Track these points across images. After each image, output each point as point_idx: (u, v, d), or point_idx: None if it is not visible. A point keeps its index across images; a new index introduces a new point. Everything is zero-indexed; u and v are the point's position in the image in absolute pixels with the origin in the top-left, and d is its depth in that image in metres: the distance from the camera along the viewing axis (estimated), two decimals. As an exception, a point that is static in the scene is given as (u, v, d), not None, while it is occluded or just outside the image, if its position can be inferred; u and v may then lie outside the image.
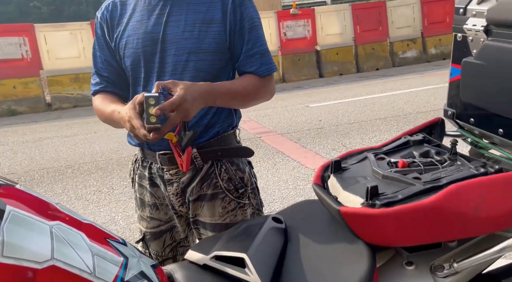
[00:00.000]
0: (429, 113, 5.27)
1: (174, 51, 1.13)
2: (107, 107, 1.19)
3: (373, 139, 4.51)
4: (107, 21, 1.21)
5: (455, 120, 1.03)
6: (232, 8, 1.12)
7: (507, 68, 0.82)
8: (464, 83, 0.96)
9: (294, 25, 8.94)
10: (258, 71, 1.17)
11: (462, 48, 0.96)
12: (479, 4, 0.90)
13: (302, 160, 4.10)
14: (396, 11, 9.49)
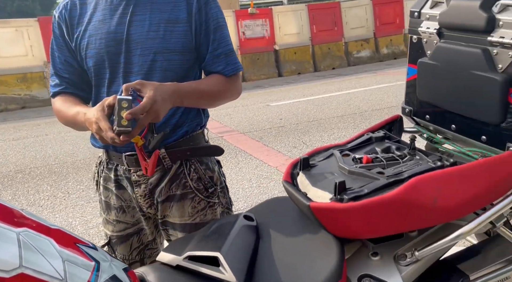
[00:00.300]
0: (383, 111, 5.52)
1: (140, 51, 1.10)
2: (70, 109, 1.15)
3: (331, 137, 4.65)
4: (66, 20, 1.16)
5: (412, 117, 1.10)
6: (197, 8, 1.12)
7: (457, 68, 0.89)
8: (420, 83, 1.02)
9: (252, 25, 8.99)
10: (224, 71, 1.18)
11: (418, 49, 1.02)
12: (432, 8, 0.97)
13: (264, 158, 4.15)
14: (350, 12, 9.83)
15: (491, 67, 0.82)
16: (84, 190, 3.57)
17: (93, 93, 1.21)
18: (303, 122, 5.40)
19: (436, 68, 0.95)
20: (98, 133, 0.98)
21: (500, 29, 0.79)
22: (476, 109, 0.87)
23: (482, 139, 0.88)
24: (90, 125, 1.02)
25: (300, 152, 4.21)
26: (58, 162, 4.35)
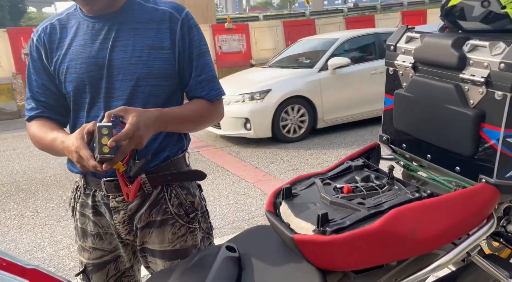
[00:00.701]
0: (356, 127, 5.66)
1: (122, 77, 1.09)
2: (47, 134, 1.12)
3: (308, 152, 4.72)
4: (45, 44, 1.14)
5: (389, 145, 1.13)
6: (181, 35, 1.12)
7: (432, 101, 0.93)
8: (396, 113, 1.06)
9: (229, 39, 9.06)
10: (207, 96, 1.18)
11: (394, 81, 1.06)
12: (407, 43, 1.01)
13: (242, 174, 4.15)
14: (324, 29, 10.10)
15: (463, 102, 0.86)
16: (54, 208, 3.43)
17: (72, 117, 1.18)
18: (280, 138, 5.46)
19: (412, 100, 0.99)
20: (79, 162, 0.96)
21: (471, 68, 0.84)
22: (450, 141, 0.91)
23: (456, 170, 0.92)
24: (69, 154, 0.99)
25: (277, 168, 4.24)
26: (26, 178, 4.18)
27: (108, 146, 0.87)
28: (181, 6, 1.16)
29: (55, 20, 1.16)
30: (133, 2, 1.13)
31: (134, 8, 1.12)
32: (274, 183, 3.84)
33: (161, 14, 1.11)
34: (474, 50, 0.84)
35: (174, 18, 1.11)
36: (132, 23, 1.10)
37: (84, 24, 1.12)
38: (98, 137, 0.88)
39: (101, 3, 1.06)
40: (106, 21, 1.10)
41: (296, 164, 4.35)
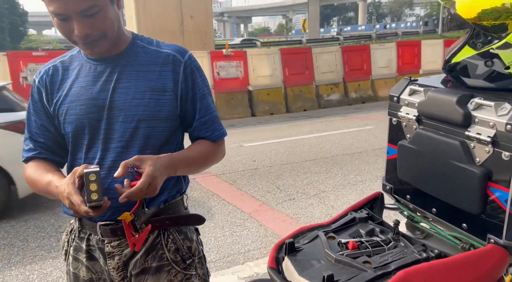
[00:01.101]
0: (353, 156, 5.66)
1: (123, 118, 1.09)
2: (43, 177, 1.10)
3: (304, 181, 4.68)
4: (47, 85, 1.14)
5: (393, 195, 1.12)
6: (184, 77, 1.13)
7: (437, 156, 0.93)
8: (400, 164, 1.05)
9: (227, 66, 9.18)
10: (211, 137, 1.19)
11: (397, 131, 1.06)
12: (410, 95, 1.02)
13: (238, 203, 4.09)
14: (321, 57, 10.29)
15: (469, 159, 0.86)
16: (45, 238, 3.35)
17: (69, 158, 1.17)
18: (276, 165, 5.43)
19: (416, 153, 0.99)
20: (72, 208, 0.95)
21: (476, 126, 0.84)
22: (456, 198, 0.90)
23: (463, 227, 0.90)
24: (63, 200, 0.99)
25: (273, 197, 4.20)
26: (17, 204, 4.09)
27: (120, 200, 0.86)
28: (184, 49, 1.17)
29: (58, 62, 1.17)
30: (137, 45, 1.14)
31: (138, 51, 1.13)
32: (271, 214, 3.79)
33: (164, 57, 1.13)
34: (479, 108, 0.84)
35: (177, 61, 1.13)
36: (135, 65, 1.11)
37: (86, 66, 1.13)
38: (86, 184, 0.88)
39: (102, 46, 1.07)
40: (108, 63, 1.11)
41: (293, 193, 4.31)
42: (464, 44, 0.91)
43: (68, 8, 0.97)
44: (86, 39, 1.02)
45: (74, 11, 0.97)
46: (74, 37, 1.03)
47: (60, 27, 1.02)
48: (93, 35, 1.02)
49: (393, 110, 1.06)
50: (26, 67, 7.13)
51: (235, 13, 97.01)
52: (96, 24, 1.01)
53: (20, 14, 37.42)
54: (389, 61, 10.96)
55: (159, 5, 10.33)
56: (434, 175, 0.94)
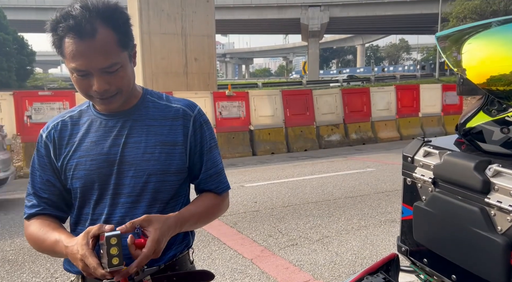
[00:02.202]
0: (356, 199, 5.59)
1: (133, 173, 1.08)
2: (48, 236, 1.07)
3: (307, 225, 4.59)
4: (54, 141, 1.14)
5: (409, 257, 1.09)
6: (193, 131, 1.15)
7: (455, 221, 0.91)
8: (416, 226, 1.03)
9: (229, 106, 9.33)
10: (217, 190, 1.20)
11: (412, 192, 1.05)
12: (425, 157, 1.02)
13: (239, 248, 3.98)
14: (321, 99, 10.48)
15: (490, 227, 0.84)
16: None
17: (75, 213, 1.15)
18: (278, 207, 5.35)
19: (433, 216, 0.97)
20: (85, 271, 0.91)
21: (496, 193, 0.83)
22: (477, 266, 0.87)
23: (486, 297, 0.87)
24: (74, 261, 0.95)
25: (275, 242, 4.09)
26: (14, 247, 3.97)
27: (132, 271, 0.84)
28: (193, 103, 1.20)
29: (67, 117, 1.17)
30: (147, 100, 1.16)
31: (148, 106, 1.15)
32: (273, 260, 3.68)
33: (175, 111, 1.15)
34: (498, 175, 0.84)
35: (187, 115, 1.15)
36: (146, 120, 1.12)
37: (97, 121, 1.13)
38: (107, 248, 0.85)
39: (117, 102, 1.08)
40: (119, 118, 1.12)
41: (296, 238, 4.21)
42: (479, 109, 0.92)
43: (91, 65, 0.99)
44: (103, 95, 1.04)
45: (96, 68, 1.00)
46: (91, 93, 1.05)
47: (78, 83, 1.04)
48: (110, 91, 1.04)
49: (407, 170, 1.06)
50: (32, 106, 7.24)
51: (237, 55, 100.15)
52: (115, 81, 1.03)
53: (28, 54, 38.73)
54: (388, 104, 11.16)
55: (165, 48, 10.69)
56: (453, 240, 0.92)
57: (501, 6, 28.00)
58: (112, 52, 1.00)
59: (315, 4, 40.20)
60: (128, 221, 1.05)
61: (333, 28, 47.25)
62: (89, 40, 0.96)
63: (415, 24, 45.13)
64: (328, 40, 78.14)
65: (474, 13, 28.35)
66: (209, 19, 11.51)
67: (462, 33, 0.96)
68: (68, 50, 0.98)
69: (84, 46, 0.97)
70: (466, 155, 0.94)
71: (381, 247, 3.86)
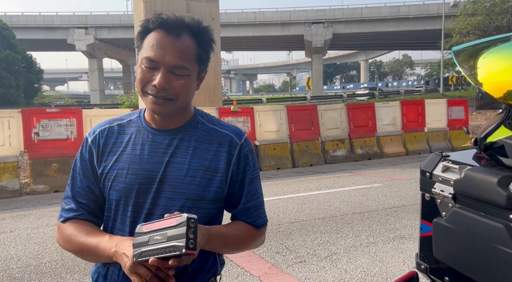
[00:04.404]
0: (363, 215, 5.52)
1: (171, 195, 1.05)
2: (88, 237, 1.05)
3: (315, 242, 4.52)
4: (99, 146, 1.11)
5: (429, 275, 1.06)
6: (237, 159, 1.11)
7: (478, 238, 0.89)
8: (436, 243, 1.01)
9: (234, 121, 9.35)
10: (254, 224, 1.15)
11: (431, 207, 1.03)
12: (444, 172, 1.00)
13: (246, 265, 3.92)
14: (326, 114, 10.49)
15: (516, 244, 0.82)
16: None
17: (109, 229, 1.11)
18: (285, 223, 5.29)
19: (454, 232, 0.95)
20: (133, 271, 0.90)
21: (521, 209, 0.81)
22: (504, 285, 0.85)
23: (514, 318, 0.84)
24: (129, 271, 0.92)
25: (283, 258, 4.03)
26: (20, 265, 3.93)
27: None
28: (241, 131, 1.17)
29: (115, 124, 1.15)
30: (197, 120, 1.14)
31: (198, 127, 1.12)
32: (282, 278, 3.61)
33: (222, 137, 1.12)
34: (522, 191, 0.82)
35: (234, 143, 1.11)
36: (193, 141, 1.09)
37: (144, 134, 1.10)
38: (187, 228, 0.81)
39: (167, 108, 1.05)
40: (167, 135, 1.09)
41: (304, 255, 4.14)
42: (500, 124, 0.91)
43: (164, 59, 1.00)
44: (159, 92, 1.02)
45: (167, 63, 1.00)
46: (148, 88, 1.03)
47: (142, 74, 1.03)
48: (168, 92, 1.02)
49: (426, 186, 1.04)
50: (39, 123, 7.30)
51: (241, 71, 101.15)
52: (176, 85, 1.02)
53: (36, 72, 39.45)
54: (393, 119, 11.14)
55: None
56: (476, 257, 0.90)
57: (504, 22, 28.21)
58: (187, 58, 1.03)
59: (318, 21, 40.74)
60: None
61: (337, 44, 47.76)
62: (173, 37, 1.01)
63: (418, 40, 45.52)
64: (331, 56, 78.86)
65: (477, 29, 28.56)
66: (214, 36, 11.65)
67: (478, 47, 0.96)
68: (150, 40, 1.02)
69: (167, 40, 1.01)
70: (488, 170, 0.92)
71: (390, 264, 3.78)
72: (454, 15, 30.66)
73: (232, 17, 41.71)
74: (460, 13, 29.93)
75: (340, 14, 41.05)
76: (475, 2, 29.39)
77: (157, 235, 0.84)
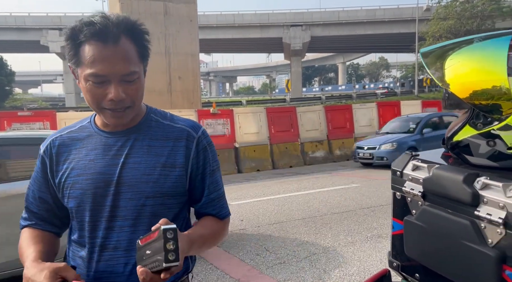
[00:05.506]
0: (342, 215, 5.60)
1: (131, 195, 1.04)
2: (26, 249, 1.05)
3: (294, 243, 4.55)
4: (52, 156, 1.10)
5: (400, 272, 1.08)
6: (196, 153, 1.10)
7: (446, 235, 0.91)
8: (407, 240, 1.03)
9: (214, 123, 9.32)
10: (219, 215, 1.16)
11: (402, 206, 1.05)
12: (413, 170, 1.02)
13: (226, 267, 3.90)
14: (305, 116, 10.60)
15: (481, 240, 0.84)
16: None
17: (77, 236, 1.09)
18: (265, 225, 5.30)
19: (424, 230, 0.97)
20: None
21: (486, 206, 0.84)
22: (469, 280, 0.87)
23: (480, 311, 0.86)
24: None
25: (263, 260, 4.03)
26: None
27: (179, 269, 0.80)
28: (198, 125, 1.17)
29: (66, 132, 1.14)
30: (151, 118, 1.12)
31: (151, 125, 1.11)
32: (261, 279, 3.61)
33: (178, 132, 1.11)
34: (486, 188, 0.84)
35: (191, 137, 1.11)
36: (147, 140, 1.08)
37: (97, 138, 1.09)
38: (164, 242, 0.79)
39: (128, 117, 1.04)
40: (120, 136, 1.08)
41: (283, 256, 4.16)
42: (465, 123, 0.94)
43: (113, 71, 0.97)
44: (118, 105, 1.00)
45: (118, 74, 0.97)
46: (104, 103, 1.00)
47: (92, 92, 0.99)
48: (125, 102, 1.00)
49: (396, 184, 1.06)
50: (11, 127, 7.07)
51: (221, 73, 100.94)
52: (131, 92, 1.01)
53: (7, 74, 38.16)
54: (370, 120, 11.36)
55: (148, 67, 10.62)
56: (445, 254, 0.92)
57: (474, 26, 29.29)
58: (133, 61, 1.00)
59: (296, 24, 41.15)
60: (125, 246, 1.02)
61: (315, 47, 48.33)
62: (112, 46, 0.96)
63: (394, 43, 46.63)
64: (310, 59, 79.75)
65: (449, 32, 29.55)
66: (192, 38, 11.60)
67: (445, 48, 0.99)
68: (89, 55, 0.96)
69: (107, 51, 0.96)
70: (455, 168, 0.94)
71: (368, 263, 3.84)
72: (428, 19, 31.61)
73: (211, 19, 41.60)
74: (433, 17, 30.88)
75: (318, 17, 41.60)
76: (447, 7, 30.39)
77: (148, 250, 0.84)
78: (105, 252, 1.03)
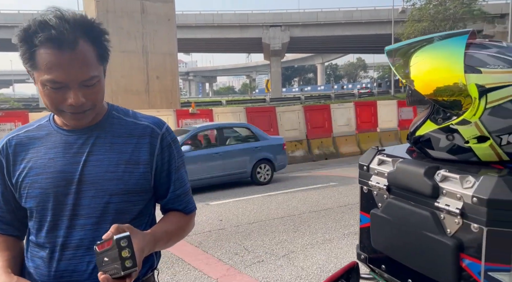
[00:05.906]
0: (320, 213, 5.67)
1: (94, 193, 1.02)
2: None
3: (273, 241, 4.58)
4: (8, 156, 1.07)
5: (368, 264, 1.11)
6: (160, 149, 1.10)
7: (409, 226, 0.94)
8: (373, 233, 1.06)
9: (193, 123, 9.25)
10: (185, 210, 1.17)
11: (369, 199, 1.08)
12: (379, 165, 1.05)
13: (204, 267, 3.89)
14: (284, 116, 10.67)
15: (440, 230, 0.88)
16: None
17: (34, 237, 1.06)
18: (244, 224, 5.30)
19: (389, 222, 1.00)
20: None
21: (445, 197, 0.87)
22: (430, 269, 0.90)
23: (441, 298, 0.90)
24: None
25: (242, 259, 4.04)
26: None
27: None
28: (162, 121, 1.16)
29: (23, 131, 1.11)
30: (112, 116, 1.11)
31: (113, 122, 1.10)
32: (240, 278, 3.62)
33: (142, 129, 1.10)
34: (445, 180, 0.88)
35: (155, 133, 1.10)
36: (110, 137, 1.07)
37: (56, 137, 1.07)
38: (119, 251, 0.80)
39: (89, 118, 1.03)
40: (81, 134, 1.06)
41: (262, 254, 4.18)
42: (426, 118, 0.97)
43: (71, 78, 0.94)
44: (78, 109, 0.98)
45: (76, 81, 0.95)
46: (63, 107, 0.98)
47: (50, 96, 0.96)
48: (85, 105, 0.99)
49: (363, 179, 1.09)
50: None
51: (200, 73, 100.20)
52: (92, 95, 0.99)
53: (-24, 73, 36.66)
54: (348, 120, 11.55)
55: (125, 66, 10.51)
56: (408, 244, 0.95)
57: (447, 28, 30.19)
58: (92, 65, 0.96)
59: (276, 24, 41.33)
60: (87, 244, 1.01)
61: (294, 47, 48.69)
62: (69, 51, 0.92)
63: (371, 43, 47.51)
64: (289, 59, 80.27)
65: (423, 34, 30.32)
66: (170, 38, 11.48)
67: (409, 47, 1.02)
68: (45, 61, 0.92)
69: (64, 57, 0.92)
70: (417, 161, 0.98)
71: (345, 259, 3.91)
72: (403, 21, 32.36)
73: (190, 18, 41.25)
74: (408, 19, 31.64)
75: (297, 18, 41.90)
76: (421, 9, 31.21)
77: (105, 257, 0.84)
78: (67, 251, 1.01)
